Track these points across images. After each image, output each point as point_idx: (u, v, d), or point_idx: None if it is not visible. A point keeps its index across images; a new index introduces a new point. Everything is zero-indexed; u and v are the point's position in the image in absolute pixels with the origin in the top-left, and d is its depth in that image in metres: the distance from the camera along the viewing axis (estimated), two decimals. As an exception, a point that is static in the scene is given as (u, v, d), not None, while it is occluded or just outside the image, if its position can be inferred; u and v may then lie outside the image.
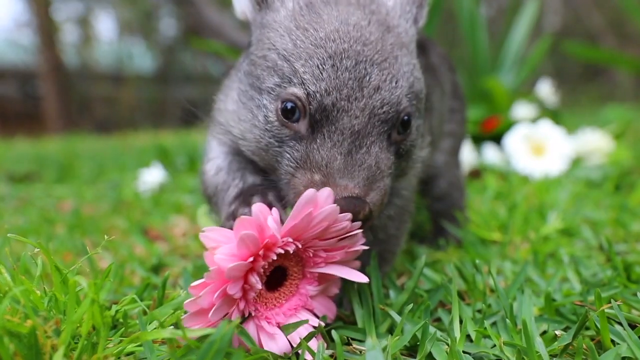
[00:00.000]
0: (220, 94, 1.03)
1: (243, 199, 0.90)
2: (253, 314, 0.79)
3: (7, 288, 0.79)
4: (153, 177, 2.80)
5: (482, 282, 1.03)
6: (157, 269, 1.33)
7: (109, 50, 17.00)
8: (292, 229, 0.75)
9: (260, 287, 0.77)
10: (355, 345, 0.84)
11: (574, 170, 2.53)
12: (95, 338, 0.72)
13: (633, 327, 0.83)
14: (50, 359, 0.67)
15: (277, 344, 0.78)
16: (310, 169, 0.79)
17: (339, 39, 0.83)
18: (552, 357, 0.78)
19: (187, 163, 3.74)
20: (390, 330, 0.88)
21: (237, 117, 0.93)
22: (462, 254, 1.38)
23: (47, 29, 13.36)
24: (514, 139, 2.65)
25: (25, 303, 0.70)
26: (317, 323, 0.82)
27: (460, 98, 1.56)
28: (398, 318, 0.86)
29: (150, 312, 0.86)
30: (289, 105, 0.83)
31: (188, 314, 0.73)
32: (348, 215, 0.76)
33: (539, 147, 2.63)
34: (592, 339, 0.84)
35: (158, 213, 2.13)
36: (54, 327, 0.70)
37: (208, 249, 0.74)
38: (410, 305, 0.85)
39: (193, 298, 0.72)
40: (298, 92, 0.82)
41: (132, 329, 0.83)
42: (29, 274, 1.02)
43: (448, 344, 0.81)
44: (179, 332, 0.68)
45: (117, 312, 0.85)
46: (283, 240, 0.76)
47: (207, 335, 0.69)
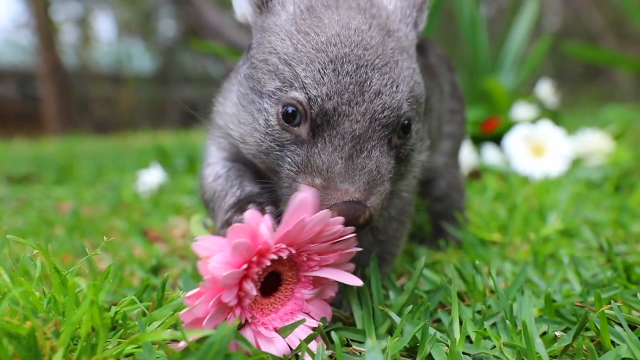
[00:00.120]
0: (220, 97, 1.03)
1: (239, 208, 0.90)
2: (250, 321, 0.78)
3: (6, 289, 0.79)
4: (152, 178, 2.80)
5: (482, 283, 1.03)
6: (156, 270, 1.32)
7: (108, 51, 17.02)
8: (285, 235, 0.75)
9: (255, 293, 0.76)
10: (355, 347, 0.84)
11: (574, 171, 2.53)
12: (95, 339, 0.72)
13: (633, 328, 0.84)
14: (49, 361, 0.67)
15: (275, 347, 0.77)
16: (311, 173, 0.79)
17: (340, 43, 0.83)
18: (552, 358, 0.78)
19: (186, 164, 3.74)
20: (390, 332, 0.88)
21: (236, 120, 0.93)
22: (461, 255, 1.38)
23: (46, 30, 13.37)
24: (514, 140, 2.65)
25: (25, 304, 0.70)
26: (314, 323, 0.82)
27: (460, 99, 1.56)
28: (398, 319, 0.86)
29: (150, 313, 0.86)
30: (290, 110, 0.82)
31: (184, 325, 0.73)
32: (340, 219, 0.76)
33: (539, 147, 2.63)
34: (592, 340, 0.84)
35: (157, 214, 2.13)
36: (53, 328, 0.70)
37: (201, 258, 0.74)
38: (410, 307, 0.85)
39: (188, 308, 0.71)
40: (299, 96, 0.81)
41: (131, 331, 0.83)
42: (28, 276, 1.02)
43: (448, 345, 0.81)
44: (178, 333, 0.68)
45: (116, 313, 0.85)
46: (276, 247, 0.76)
47: (206, 337, 0.69)
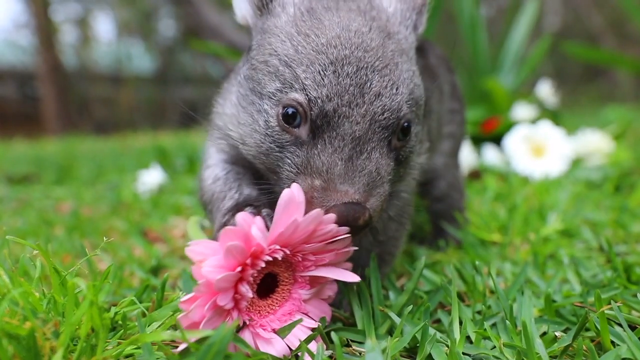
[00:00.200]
0: (219, 98, 1.03)
1: (237, 211, 0.90)
2: (248, 323, 0.78)
3: (5, 290, 0.79)
4: (152, 178, 2.79)
5: (482, 283, 1.03)
6: (156, 271, 1.32)
7: (108, 51, 17.01)
8: (278, 236, 0.75)
9: (252, 295, 0.76)
10: (355, 347, 0.84)
11: (574, 171, 2.53)
12: (94, 340, 0.72)
13: (633, 328, 0.84)
14: (49, 361, 0.67)
15: (274, 348, 0.77)
16: (311, 175, 0.79)
17: (340, 45, 0.83)
18: (552, 358, 0.78)
19: (186, 164, 3.74)
20: (390, 332, 0.88)
21: (236, 120, 0.93)
22: (461, 255, 1.38)
23: (45, 30, 13.37)
24: (514, 140, 2.65)
25: (24, 305, 0.70)
26: (313, 324, 0.82)
27: (459, 99, 1.56)
28: (398, 319, 0.86)
29: (150, 314, 0.86)
30: (290, 111, 0.83)
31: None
32: (333, 218, 0.75)
33: (539, 148, 2.63)
34: (592, 340, 0.84)
35: (157, 214, 2.13)
36: (53, 329, 0.70)
37: (195, 263, 0.73)
38: (410, 307, 0.85)
39: (184, 313, 0.71)
40: (299, 97, 0.82)
41: (131, 331, 0.83)
42: (28, 276, 1.02)
43: (448, 346, 0.81)
44: (178, 334, 0.68)
45: (116, 314, 0.85)
46: (270, 248, 0.75)
47: (205, 338, 0.69)
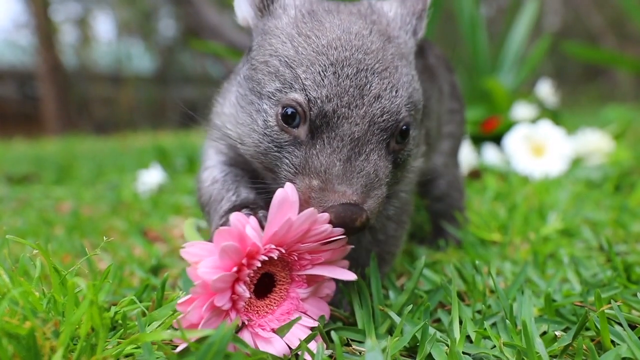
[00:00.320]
0: (219, 97, 1.04)
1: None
2: (247, 323, 0.78)
3: (5, 289, 0.79)
4: (152, 178, 2.79)
5: (481, 282, 1.03)
6: (156, 270, 1.32)
7: (108, 51, 17.02)
8: (273, 236, 0.75)
9: (249, 295, 0.76)
10: (355, 346, 0.84)
11: (574, 171, 2.52)
12: (94, 339, 0.72)
13: (633, 327, 0.83)
14: (49, 361, 0.67)
15: (274, 347, 0.77)
16: (309, 175, 0.79)
17: (341, 47, 0.84)
18: (552, 357, 0.78)
19: (186, 164, 3.74)
20: (390, 331, 0.88)
21: (235, 120, 0.93)
22: (461, 255, 1.38)
23: (45, 30, 13.37)
24: (514, 140, 2.65)
25: (24, 304, 0.70)
26: (311, 323, 0.82)
27: (459, 99, 1.56)
28: (398, 319, 0.86)
29: (150, 313, 0.86)
30: (290, 111, 0.83)
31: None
32: (325, 216, 0.75)
33: (539, 147, 2.63)
34: (592, 340, 0.84)
35: (157, 214, 2.13)
36: (53, 328, 0.70)
37: (190, 264, 0.74)
38: (410, 306, 0.85)
39: (182, 315, 0.71)
40: (299, 97, 0.82)
41: (131, 331, 0.83)
42: (28, 276, 1.02)
43: (448, 345, 0.81)
44: (178, 333, 0.68)
45: (116, 313, 0.85)
46: (266, 248, 0.75)
47: (205, 338, 0.69)
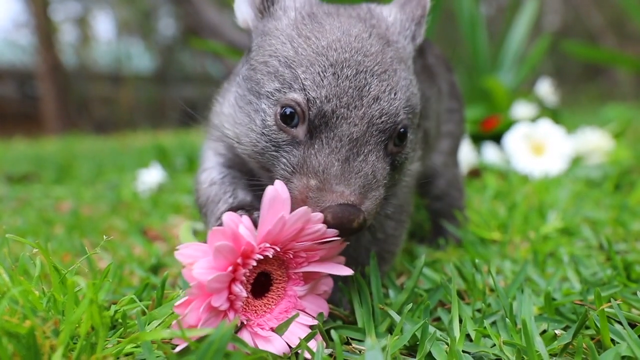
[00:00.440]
0: (219, 97, 1.04)
1: None
2: (245, 323, 0.78)
3: (5, 288, 0.79)
4: (152, 177, 2.80)
5: (481, 281, 1.03)
6: (156, 269, 1.32)
7: (108, 51, 17.02)
8: (267, 234, 0.75)
9: (246, 295, 0.76)
10: (355, 345, 0.84)
11: (574, 170, 2.52)
12: (94, 338, 0.72)
13: (633, 326, 0.83)
14: (49, 359, 0.67)
15: (274, 346, 0.77)
16: (307, 174, 0.79)
17: (341, 49, 0.84)
18: (551, 356, 0.78)
19: (186, 163, 3.73)
20: (390, 330, 0.88)
21: (233, 120, 0.93)
22: (461, 254, 1.38)
23: (45, 30, 13.37)
24: (514, 139, 2.65)
25: (24, 303, 0.70)
26: (310, 321, 0.82)
27: (458, 98, 1.56)
28: (397, 318, 0.86)
29: (149, 312, 0.86)
30: (288, 111, 0.83)
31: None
32: (319, 215, 0.75)
33: (539, 146, 2.63)
34: (592, 338, 0.84)
35: (157, 213, 2.13)
36: (53, 327, 0.70)
37: (185, 266, 0.73)
38: (410, 305, 0.85)
39: (179, 317, 0.71)
40: (298, 97, 0.82)
41: (130, 330, 0.83)
42: (28, 275, 1.02)
43: (448, 344, 0.81)
44: (178, 332, 0.68)
45: (116, 312, 0.85)
46: (260, 247, 0.75)
47: (205, 337, 0.69)
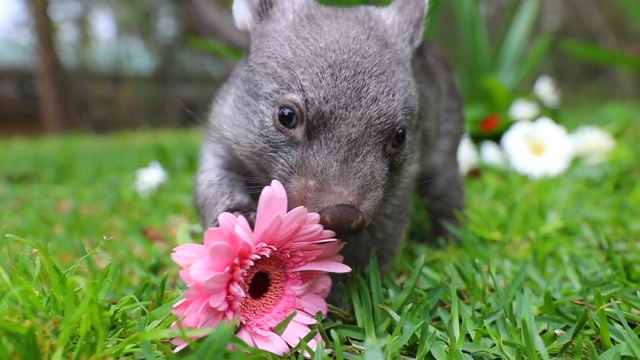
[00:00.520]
0: (218, 98, 1.04)
1: None
2: (244, 323, 0.78)
3: (5, 288, 0.79)
4: (152, 177, 2.79)
5: (481, 281, 1.03)
6: (155, 269, 1.32)
7: (108, 50, 17.01)
8: (263, 234, 0.75)
9: (244, 295, 0.76)
10: (355, 345, 0.84)
11: (574, 169, 2.52)
12: (94, 338, 0.72)
13: (633, 326, 0.83)
14: (49, 359, 0.67)
15: (274, 346, 0.77)
16: (305, 175, 0.79)
17: (339, 50, 0.84)
18: (551, 356, 0.78)
19: (185, 163, 3.74)
20: (390, 330, 0.88)
21: (231, 121, 0.94)
22: (461, 253, 1.38)
23: (45, 29, 13.37)
24: (514, 138, 2.65)
25: (24, 303, 0.70)
26: (309, 320, 0.82)
27: (457, 97, 1.56)
28: (397, 317, 0.86)
29: (149, 312, 0.86)
30: (287, 112, 0.83)
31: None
32: (315, 216, 0.75)
33: (539, 146, 2.63)
34: (591, 338, 0.84)
35: (157, 213, 2.13)
36: (53, 327, 0.70)
37: (182, 267, 0.73)
38: (410, 305, 0.85)
39: (178, 319, 0.71)
40: (296, 98, 0.82)
41: (130, 329, 0.83)
42: (28, 275, 1.02)
43: (447, 344, 0.81)
44: (178, 332, 0.68)
45: (115, 312, 0.85)
46: (257, 246, 0.75)
47: (205, 337, 0.69)
